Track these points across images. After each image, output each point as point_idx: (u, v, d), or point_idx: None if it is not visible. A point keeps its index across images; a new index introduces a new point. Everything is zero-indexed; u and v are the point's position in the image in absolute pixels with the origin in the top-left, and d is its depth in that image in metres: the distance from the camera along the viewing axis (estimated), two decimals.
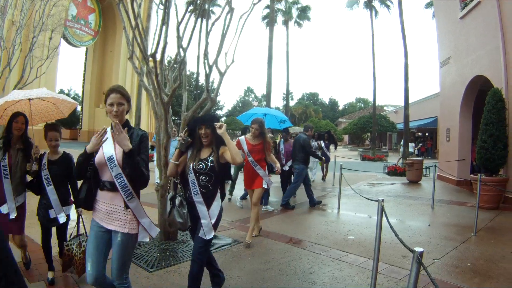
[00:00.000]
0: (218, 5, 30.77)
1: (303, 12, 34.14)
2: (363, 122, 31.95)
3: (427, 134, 29.97)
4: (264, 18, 32.17)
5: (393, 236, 2.78)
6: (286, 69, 34.61)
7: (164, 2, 4.74)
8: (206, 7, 5.27)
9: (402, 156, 17.63)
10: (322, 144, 11.42)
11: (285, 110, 35.73)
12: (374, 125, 27.94)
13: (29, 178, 3.61)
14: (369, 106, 55.85)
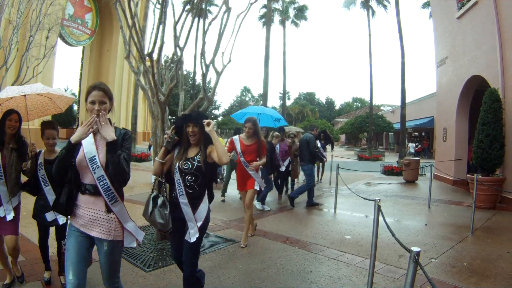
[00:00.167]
0: (215, 5, 30.74)
1: (300, 12, 34.14)
2: (359, 122, 32.10)
3: (423, 134, 30.06)
4: (261, 18, 32.14)
5: (389, 236, 2.78)
6: (283, 68, 34.59)
7: (161, 2, 4.73)
8: (203, 6, 5.26)
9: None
10: (318, 144, 10.83)
11: (282, 110, 35.78)
12: (370, 125, 28.06)
13: (23, 178, 3.47)
14: (365, 105, 56.05)
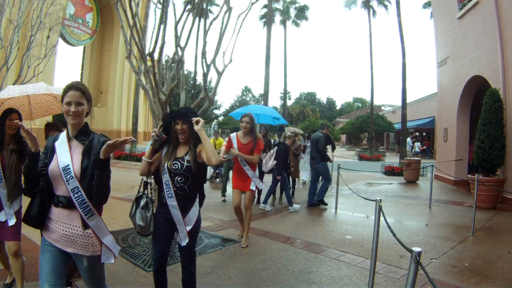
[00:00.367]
0: (216, 5, 30.69)
1: (301, 12, 34.13)
2: (360, 122, 32.08)
3: (424, 134, 30.03)
4: (262, 18, 32.11)
5: (390, 236, 2.78)
6: (283, 68, 34.68)
7: (162, 1, 4.73)
8: (204, 6, 5.27)
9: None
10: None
11: (283, 110, 35.80)
12: (371, 125, 28.03)
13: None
14: (366, 106, 55.97)
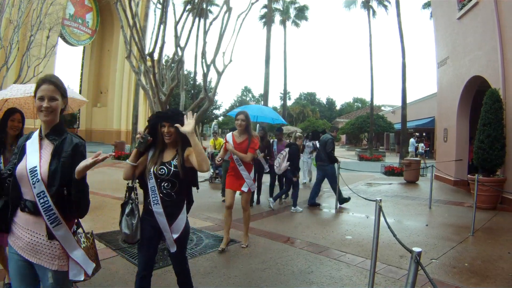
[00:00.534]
0: (216, 5, 30.68)
1: (301, 12, 34.16)
2: (360, 122, 32.10)
3: (424, 134, 30.05)
4: (261, 18, 32.12)
5: (390, 236, 2.78)
6: (283, 68, 34.68)
7: (162, 1, 4.73)
8: (204, 6, 5.26)
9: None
10: (318, 145, 10.07)
11: (283, 110, 35.85)
12: (371, 125, 28.05)
13: None
14: (366, 106, 55.98)
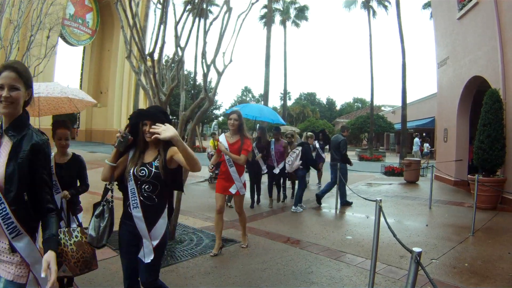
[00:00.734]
0: (216, 5, 30.67)
1: (301, 12, 34.15)
2: (360, 122, 32.10)
3: (424, 134, 30.05)
4: (261, 18, 32.12)
5: (390, 236, 2.78)
6: (283, 68, 34.68)
7: (162, 1, 4.73)
8: (204, 6, 5.26)
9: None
10: (317, 145, 9.92)
11: (283, 110, 35.82)
12: (371, 125, 28.06)
13: None
14: (366, 106, 55.93)
